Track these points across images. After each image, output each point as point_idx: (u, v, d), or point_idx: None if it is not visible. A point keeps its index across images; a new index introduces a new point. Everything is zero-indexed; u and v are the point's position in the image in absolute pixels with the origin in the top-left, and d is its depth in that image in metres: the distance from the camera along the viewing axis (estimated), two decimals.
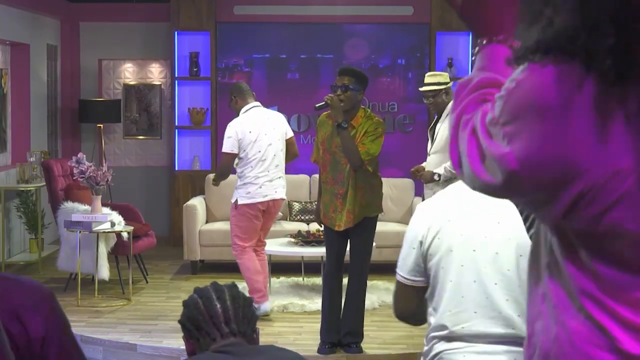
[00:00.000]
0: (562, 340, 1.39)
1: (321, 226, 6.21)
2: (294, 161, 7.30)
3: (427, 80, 6.72)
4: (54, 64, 10.20)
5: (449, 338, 2.54)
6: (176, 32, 9.81)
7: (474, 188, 1.43)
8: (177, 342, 6.16)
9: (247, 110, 6.71)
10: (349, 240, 5.96)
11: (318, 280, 7.73)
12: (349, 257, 5.95)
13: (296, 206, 8.99)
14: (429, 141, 6.79)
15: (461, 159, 1.41)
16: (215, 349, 2.25)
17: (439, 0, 9.60)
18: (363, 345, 6.13)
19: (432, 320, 2.61)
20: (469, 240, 2.53)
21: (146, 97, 10.42)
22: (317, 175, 9.32)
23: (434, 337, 2.58)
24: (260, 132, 6.63)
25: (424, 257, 2.60)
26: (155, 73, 10.42)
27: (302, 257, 7.84)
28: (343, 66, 6.24)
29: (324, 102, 5.71)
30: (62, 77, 10.43)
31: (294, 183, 9.20)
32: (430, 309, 2.62)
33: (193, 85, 9.94)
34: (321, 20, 9.82)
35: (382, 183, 6.04)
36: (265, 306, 6.76)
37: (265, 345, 2.43)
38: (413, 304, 2.65)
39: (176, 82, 9.95)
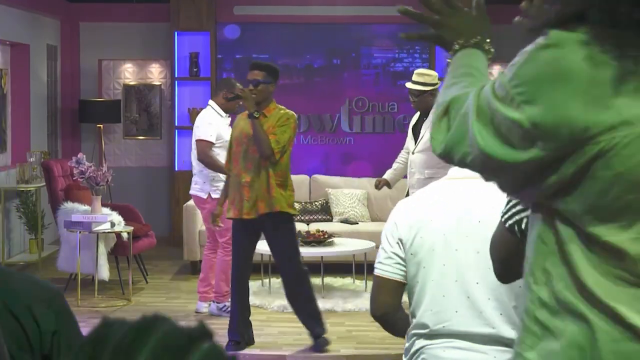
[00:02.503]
0: None
1: (219, 226, 6.35)
2: (293, 161, 7.24)
3: (414, 78, 6.73)
4: (54, 64, 10.20)
5: (430, 336, 2.55)
6: (176, 33, 9.81)
7: (485, 168, 1.49)
8: None
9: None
10: (267, 243, 6.04)
11: (318, 281, 7.74)
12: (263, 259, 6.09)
13: (296, 206, 8.99)
14: (412, 139, 6.84)
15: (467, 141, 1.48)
16: None
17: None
18: (363, 345, 6.14)
19: (412, 318, 2.61)
20: (451, 239, 2.54)
21: (146, 97, 10.42)
22: (317, 176, 9.36)
23: (415, 334, 2.60)
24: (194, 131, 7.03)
25: (405, 256, 2.60)
26: (155, 73, 10.42)
27: (302, 257, 7.83)
28: (254, 61, 6.40)
29: (235, 94, 5.94)
30: (62, 77, 10.43)
31: (294, 183, 9.16)
32: (410, 309, 2.62)
33: (193, 85, 9.94)
34: (321, 20, 9.83)
35: (292, 186, 6.02)
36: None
37: None
38: (395, 298, 2.65)
39: (176, 82, 9.96)
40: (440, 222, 2.56)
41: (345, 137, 9.90)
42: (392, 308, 2.65)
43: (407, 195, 6.83)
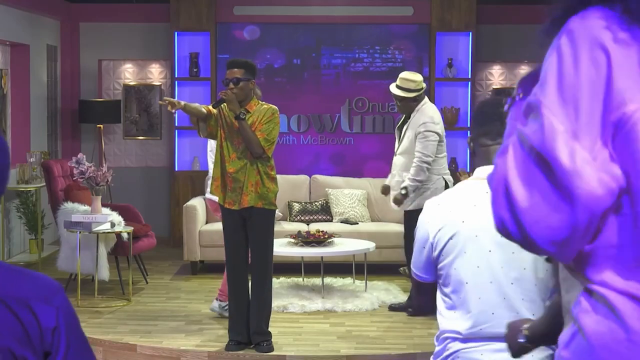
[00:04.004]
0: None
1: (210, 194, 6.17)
2: (293, 161, 7.28)
3: (398, 82, 6.75)
4: (53, 64, 10.20)
5: (465, 339, 2.52)
6: (176, 33, 9.81)
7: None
8: (177, 342, 6.16)
9: None
10: (247, 234, 5.91)
11: (318, 281, 7.74)
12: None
13: (296, 206, 8.99)
14: (397, 140, 6.87)
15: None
16: None
17: (439, 1, 9.61)
18: (363, 345, 6.13)
19: (445, 321, 2.58)
20: (484, 241, 2.51)
21: (146, 97, 10.42)
22: (317, 176, 9.36)
23: (448, 337, 2.56)
24: None
25: (436, 258, 2.58)
26: (155, 73, 10.42)
27: (302, 257, 7.84)
28: (231, 59, 6.31)
29: (219, 99, 5.82)
30: (62, 78, 10.43)
31: (294, 183, 9.20)
32: (442, 310, 2.60)
33: (193, 85, 9.94)
34: (321, 20, 9.83)
35: (276, 180, 5.96)
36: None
37: None
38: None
39: (176, 82, 9.95)
40: (471, 223, 2.53)
41: (345, 137, 9.90)
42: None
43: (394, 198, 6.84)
